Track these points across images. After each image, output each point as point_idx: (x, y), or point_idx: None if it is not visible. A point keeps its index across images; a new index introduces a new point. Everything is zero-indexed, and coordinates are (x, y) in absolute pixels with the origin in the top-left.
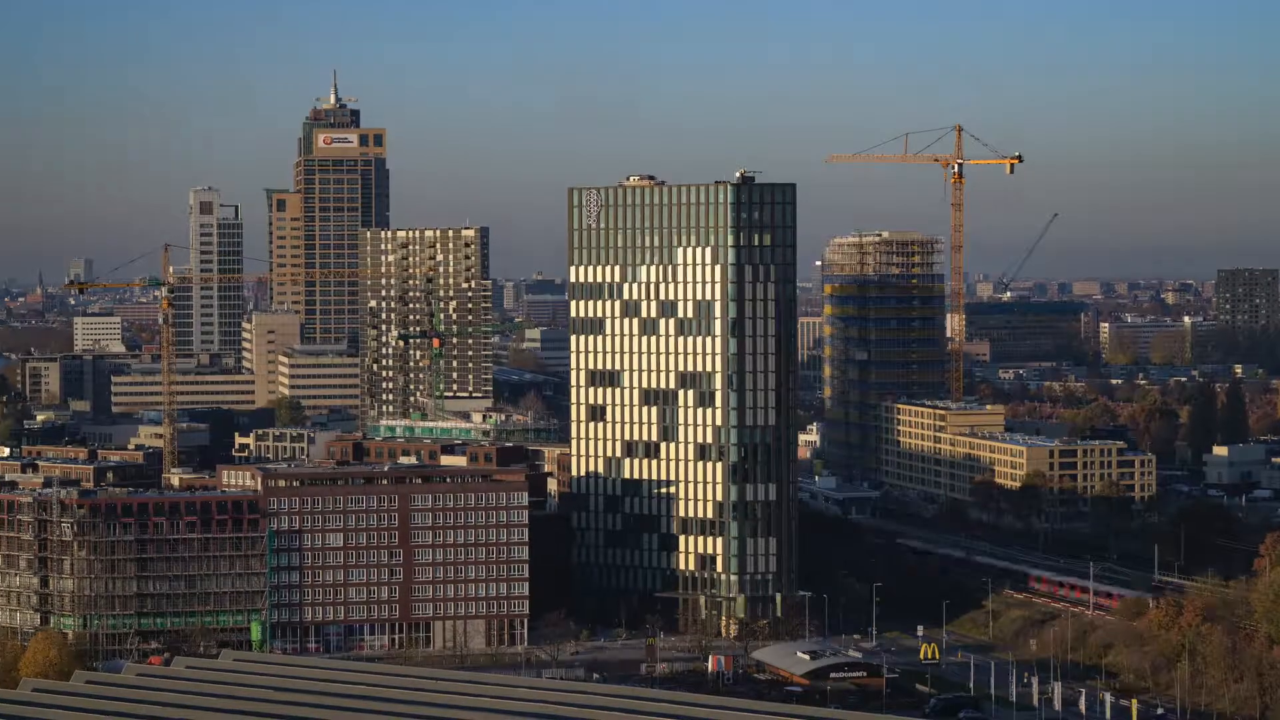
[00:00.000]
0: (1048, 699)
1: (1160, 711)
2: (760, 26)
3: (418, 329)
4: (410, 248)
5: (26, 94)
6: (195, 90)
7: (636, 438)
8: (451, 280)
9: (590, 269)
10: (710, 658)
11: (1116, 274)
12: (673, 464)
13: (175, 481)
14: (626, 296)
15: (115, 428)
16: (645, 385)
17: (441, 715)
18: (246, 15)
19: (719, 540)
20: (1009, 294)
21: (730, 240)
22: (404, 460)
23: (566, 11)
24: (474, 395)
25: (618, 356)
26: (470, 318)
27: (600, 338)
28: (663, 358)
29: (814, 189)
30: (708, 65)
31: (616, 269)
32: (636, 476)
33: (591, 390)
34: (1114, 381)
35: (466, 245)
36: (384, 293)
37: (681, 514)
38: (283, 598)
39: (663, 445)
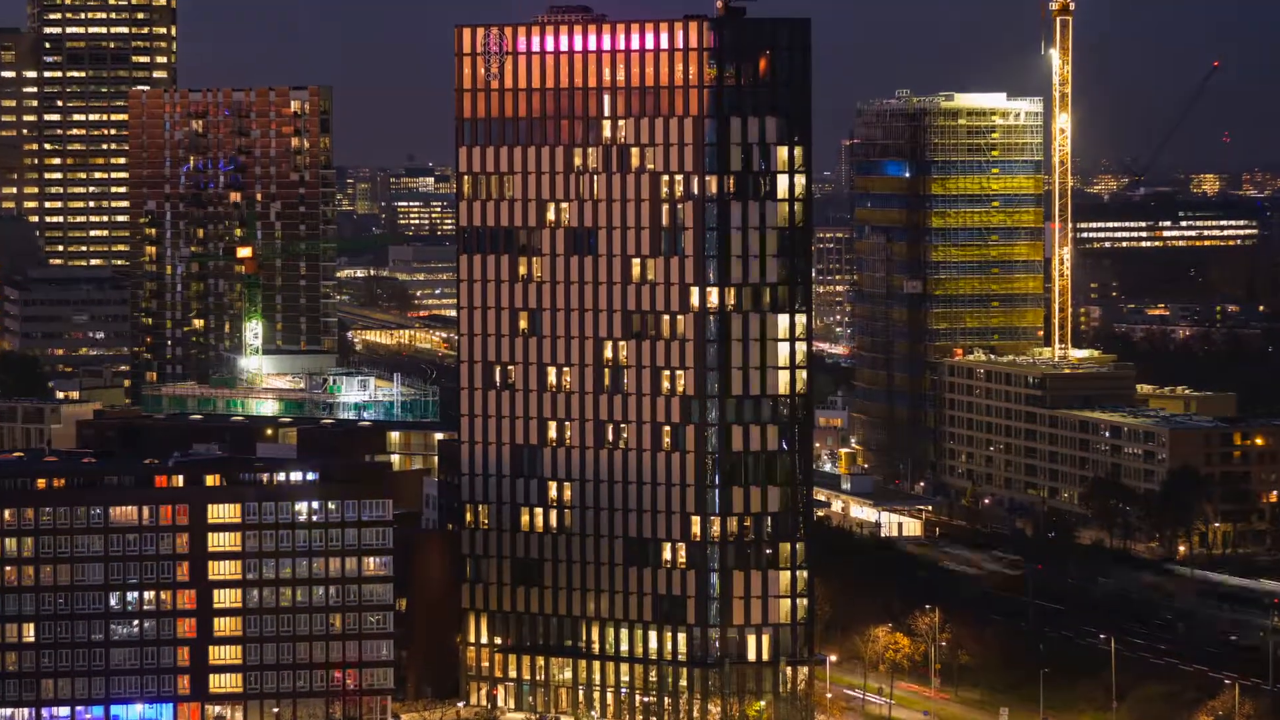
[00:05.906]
0: None
1: None
2: None
3: (221, 246)
4: (210, 119)
5: None
6: None
7: (560, 416)
8: (274, 169)
9: (488, 152)
10: None
11: None
12: (618, 456)
13: None
14: (545, 195)
15: None
16: (575, 334)
17: None
18: None
19: (691, 575)
20: (1142, 191)
21: (708, 107)
22: (200, 449)
23: None
24: (310, 349)
25: (533, 289)
26: (303, 228)
27: (504, 260)
28: (603, 291)
29: (839, 29)
30: None
31: (530, 153)
32: (560, 475)
33: (491, 342)
34: None
35: (297, 116)
36: (168, 189)
37: (632, 533)
38: (9, 665)
39: (603, 428)
